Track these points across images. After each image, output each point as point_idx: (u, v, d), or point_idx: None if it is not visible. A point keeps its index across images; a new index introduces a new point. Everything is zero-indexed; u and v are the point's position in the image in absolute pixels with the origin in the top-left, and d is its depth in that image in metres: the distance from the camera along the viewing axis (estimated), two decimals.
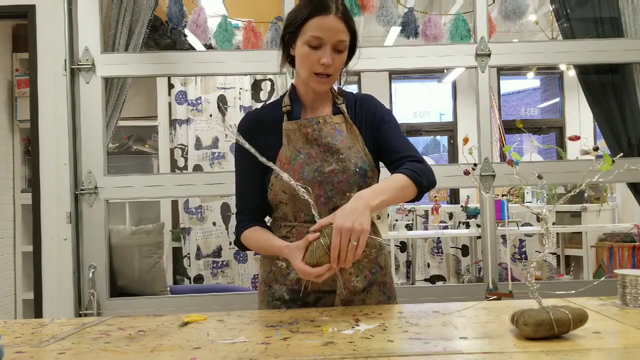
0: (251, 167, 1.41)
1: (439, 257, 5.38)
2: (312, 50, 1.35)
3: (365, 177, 1.41)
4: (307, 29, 1.35)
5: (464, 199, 5.65)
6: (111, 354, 1.01)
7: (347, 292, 1.42)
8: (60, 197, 2.60)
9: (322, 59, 1.34)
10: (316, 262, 1.19)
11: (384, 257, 1.52)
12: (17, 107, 3.70)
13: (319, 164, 1.39)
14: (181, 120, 4.20)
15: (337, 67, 1.39)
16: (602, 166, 1.06)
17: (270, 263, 1.48)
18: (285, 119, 1.44)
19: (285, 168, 1.39)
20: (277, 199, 1.42)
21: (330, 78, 1.39)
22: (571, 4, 2.88)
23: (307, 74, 1.39)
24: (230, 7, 3.68)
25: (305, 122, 1.43)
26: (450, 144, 7.82)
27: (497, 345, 1.00)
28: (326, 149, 1.41)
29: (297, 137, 1.42)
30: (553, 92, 8.33)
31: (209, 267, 4.15)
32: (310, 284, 1.38)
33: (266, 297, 1.48)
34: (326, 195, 1.39)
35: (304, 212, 1.39)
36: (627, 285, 1.31)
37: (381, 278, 1.48)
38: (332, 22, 1.34)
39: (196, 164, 4.20)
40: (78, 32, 2.63)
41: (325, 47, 1.35)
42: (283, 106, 1.46)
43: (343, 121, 1.46)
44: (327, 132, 1.42)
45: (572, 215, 5.24)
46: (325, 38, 1.34)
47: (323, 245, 1.19)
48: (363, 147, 1.44)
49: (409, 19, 3.03)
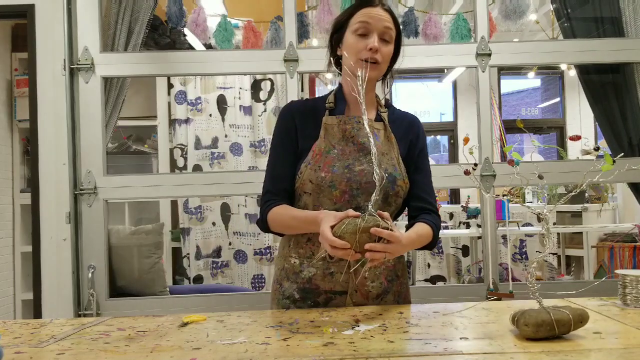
0: (288, 149, 1.46)
1: (439, 257, 5.37)
2: (360, 38, 1.40)
3: (394, 184, 1.43)
4: (355, 19, 1.42)
5: (465, 199, 5.64)
6: (110, 354, 1.01)
7: (360, 295, 1.42)
8: (60, 197, 2.59)
9: (370, 44, 1.38)
10: (340, 235, 1.16)
11: (402, 266, 1.52)
12: (16, 106, 3.70)
13: (350, 162, 1.41)
14: (181, 120, 4.19)
15: (385, 55, 1.42)
16: (602, 166, 1.06)
17: (284, 260, 1.49)
18: (327, 114, 1.47)
19: (317, 159, 1.41)
20: (303, 188, 1.43)
21: (377, 66, 1.41)
22: (572, 4, 2.88)
23: (354, 61, 1.41)
24: (229, 6, 3.68)
25: (346, 119, 1.45)
26: (450, 143, 7.81)
27: (497, 345, 0.99)
28: (361, 148, 1.43)
29: (334, 132, 1.44)
30: (554, 92, 8.32)
31: (209, 268, 4.15)
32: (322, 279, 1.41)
33: (277, 295, 1.48)
34: (351, 193, 1.40)
35: (325, 206, 1.40)
36: (627, 286, 1.31)
37: (397, 287, 1.49)
38: (379, 11, 1.41)
39: (196, 163, 4.19)
40: (77, 32, 2.62)
41: (372, 34, 1.39)
42: (327, 102, 1.49)
43: (382, 128, 1.48)
44: (365, 133, 1.43)
45: (573, 215, 5.24)
46: (373, 23, 1.40)
47: (355, 225, 1.16)
48: (397, 157, 1.46)
49: (409, 19, 3.02)
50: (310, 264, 1.42)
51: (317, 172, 1.40)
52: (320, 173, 1.39)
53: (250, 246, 4.15)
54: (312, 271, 1.42)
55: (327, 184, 1.39)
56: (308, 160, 1.43)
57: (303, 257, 1.44)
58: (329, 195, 1.38)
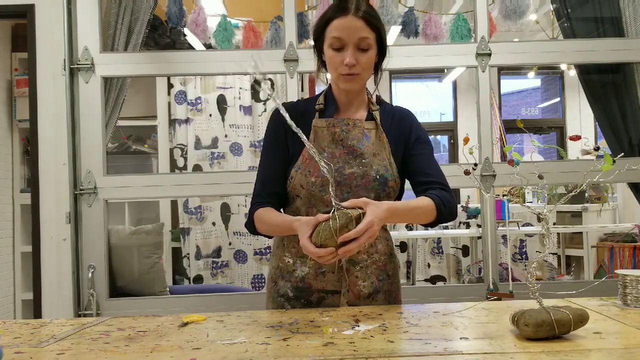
0: (278, 153, 1.45)
1: (439, 257, 5.37)
2: (335, 52, 1.38)
3: (385, 185, 1.42)
4: (329, 32, 1.38)
5: (465, 199, 5.64)
6: (110, 354, 1.01)
7: (352, 295, 1.42)
8: (60, 197, 2.59)
9: (345, 59, 1.36)
10: (320, 244, 1.17)
11: (394, 265, 1.51)
12: (16, 106, 3.70)
13: (340, 165, 1.41)
14: (181, 120, 4.19)
15: (364, 65, 1.39)
16: (602, 166, 1.06)
17: (278, 259, 1.49)
18: (317, 117, 1.46)
19: (308, 164, 1.41)
20: (294, 192, 1.43)
21: (357, 77, 1.40)
22: (572, 4, 2.88)
23: (335, 76, 1.42)
24: (229, 6, 3.68)
25: (335, 122, 1.44)
26: (450, 143, 7.81)
27: (497, 345, 0.99)
28: (350, 151, 1.42)
29: (324, 135, 1.44)
30: (554, 92, 8.32)
31: (209, 268, 4.15)
32: (315, 278, 1.41)
33: (272, 293, 1.49)
34: (342, 197, 1.39)
35: (317, 208, 1.39)
36: (627, 286, 1.31)
37: (388, 286, 1.48)
38: (351, 21, 1.36)
39: (196, 163, 4.19)
40: (77, 32, 2.62)
41: (347, 47, 1.36)
42: (317, 104, 1.48)
43: (374, 127, 1.47)
44: (355, 135, 1.43)
45: (573, 215, 5.23)
46: (346, 38, 1.36)
47: (330, 228, 1.16)
48: (389, 157, 1.45)
49: (409, 19, 3.02)
50: (302, 264, 1.43)
51: (307, 177, 1.40)
52: (310, 178, 1.40)
53: (250, 246, 4.15)
54: (305, 270, 1.43)
55: (317, 188, 1.39)
56: (298, 165, 1.42)
57: (296, 256, 1.45)
58: (321, 199, 1.39)
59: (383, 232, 1.50)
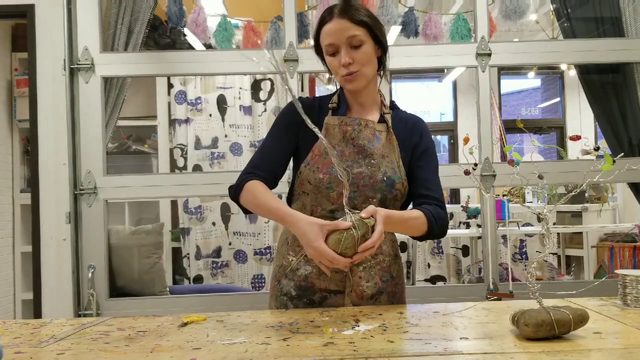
0: (286, 140, 1.46)
1: (439, 257, 5.37)
2: (332, 57, 1.42)
3: (392, 187, 1.42)
4: (322, 41, 1.43)
5: (465, 199, 5.64)
6: (110, 354, 1.01)
7: (355, 295, 1.42)
8: (60, 197, 2.59)
9: (341, 62, 1.39)
10: (340, 252, 1.18)
11: (398, 267, 1.51)
12: (16, 106, 3.70)
13: (349, 164, 1.41)
14: (181, 120, 4.19)
15: (360, 61, 1.40)
16: (603, 166, 1.06)
17: (282, 258, 1.49)
18: (330, 114, 1.48)
19: (317, 160, 1.42)
20: (302, 188, 1.44)
21: (358, 74, 1.41)
22: (572, 4, 2.88)
23: (338, 80, 1.45)
24: (230, 6, 3.68)
25: (347, 120, 1.46)
26: (450, 143, 7.81)
27: (497, 345, 0.99)
28: (360, 150, 1.43)
29: (335, 132, 1.45)
30: (554, 92, 8.32)
31: (209, 268, 4.15)
32: (318, 277, 1.42)
33: (275, 292, 1.49)
34: (348, 196, 1.39)
35: (322, 207, 1.41)
36: (627, 286, 1.31)
37: (391, 288, 1.48)
38: (337, 24, 1.39)
39: (196, 163, 4.19)
40: (77, 32, 2.62)
41: (339, 50, 1.40)
42: (330, 103, 1.50)
43: (385, 130, 1.48)
44: (366, 135, 1.44)
45: (573, 215, 5.23)
46: (336, 41, 1.39)
47: (354, 237, 1.17)
48: (398, 160, 1.46)
49: (409, 19, 3.02)
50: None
51: (315, 173, 1.41)
52: (318, 174, 1.40)
53: (250, 246, 4.14)
54: (308, 269, 1.43)
55: (325, 185, 1.40)
56: (307, 160, 1.43)
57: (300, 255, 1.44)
58: (327, 197, 1.40)
59: (389, 234, 1.50)
